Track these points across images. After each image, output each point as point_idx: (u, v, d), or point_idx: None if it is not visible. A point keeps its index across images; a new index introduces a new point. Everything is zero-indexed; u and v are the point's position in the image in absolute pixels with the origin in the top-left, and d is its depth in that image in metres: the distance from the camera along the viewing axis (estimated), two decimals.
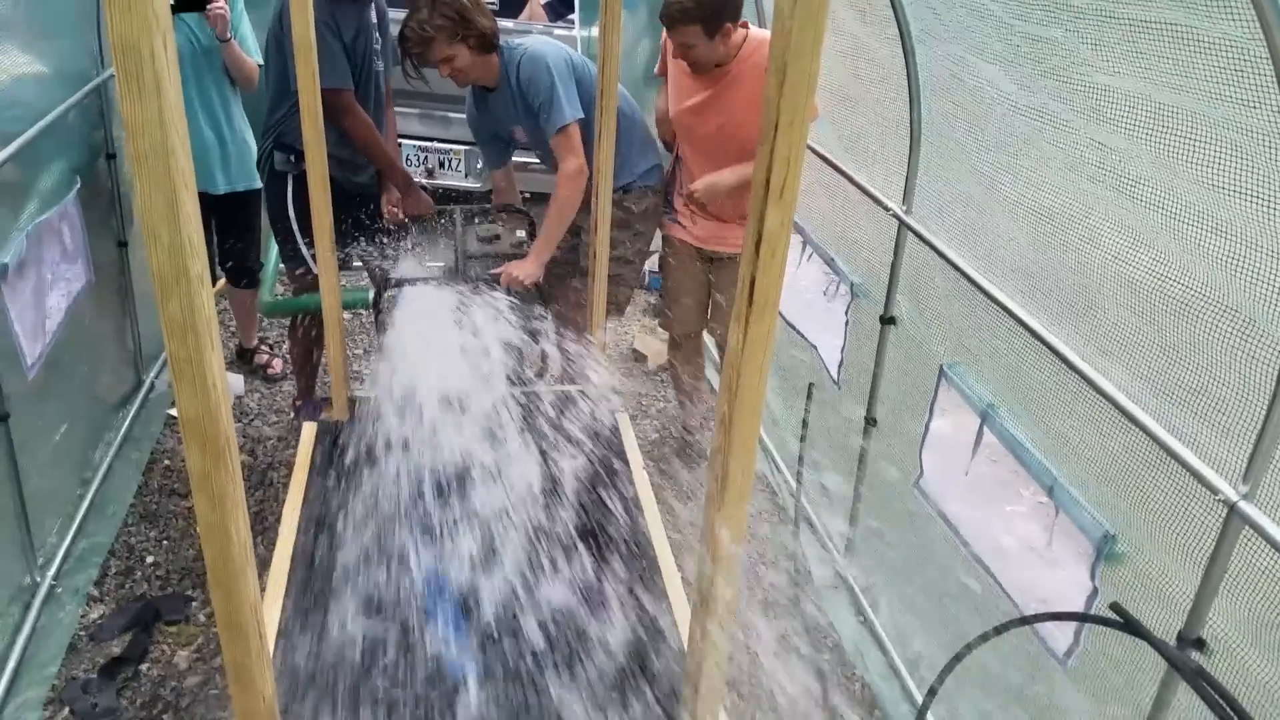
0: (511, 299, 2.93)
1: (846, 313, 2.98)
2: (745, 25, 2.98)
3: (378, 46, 3.22)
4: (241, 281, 3.95)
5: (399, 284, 2.93)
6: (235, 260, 3.89)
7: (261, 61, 3.56)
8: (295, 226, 3.26)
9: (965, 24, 2.24)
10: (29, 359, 2.74)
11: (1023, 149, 2.15)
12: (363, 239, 3.52)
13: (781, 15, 0.98)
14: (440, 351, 2.73)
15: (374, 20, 3.20)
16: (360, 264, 3.74)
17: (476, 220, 3.30)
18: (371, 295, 3.06)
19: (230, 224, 3.77)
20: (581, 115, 2.92)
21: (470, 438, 2.73)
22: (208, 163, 3.58)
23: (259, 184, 3.65)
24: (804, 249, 3.24)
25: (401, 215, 3.35)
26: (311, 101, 2.40)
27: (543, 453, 3.07)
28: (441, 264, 3.05)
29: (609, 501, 2.79)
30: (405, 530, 2.62)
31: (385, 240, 3.32)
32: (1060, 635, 1.96)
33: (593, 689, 2.48)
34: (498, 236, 3.14)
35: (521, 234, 3.18)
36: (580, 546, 2.97)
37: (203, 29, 3.42)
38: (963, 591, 2.45)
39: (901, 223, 2.65)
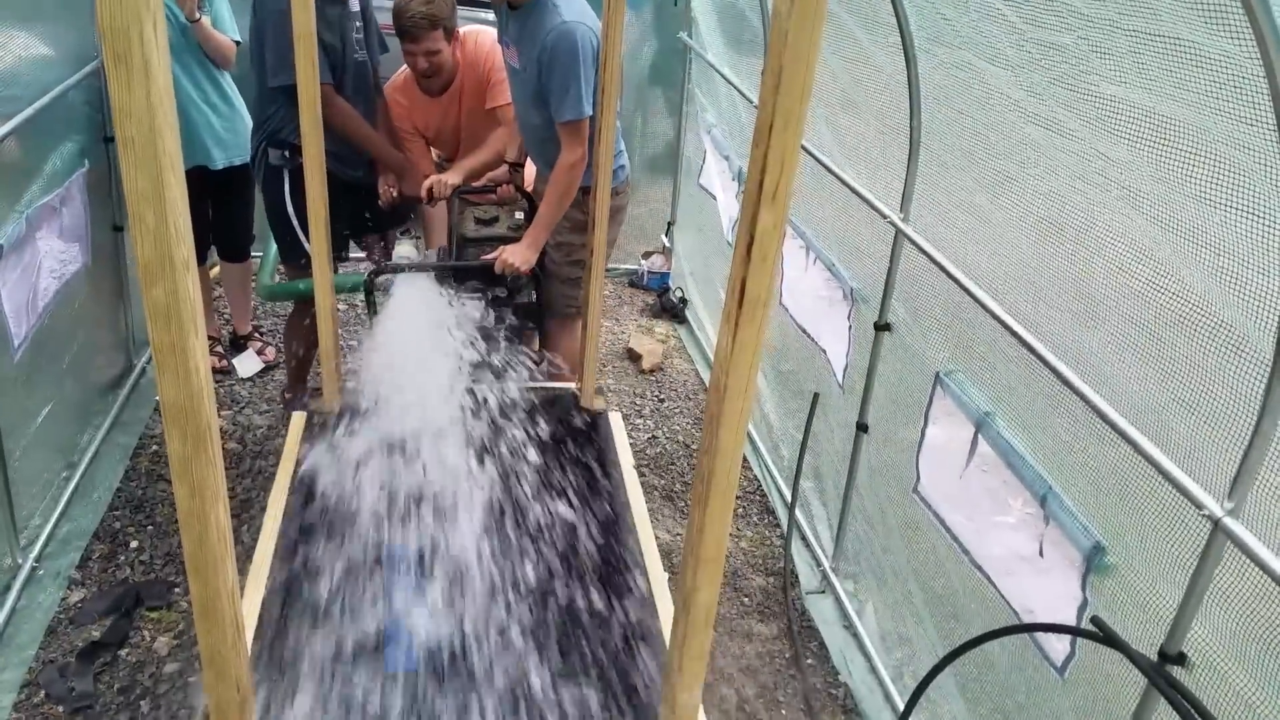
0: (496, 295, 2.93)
1: (849, 318, 2.97)
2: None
3: (359, 37, 3.19)
4: (236, 256, 3.95)
5: (389, 272, 2.91)
6: (230, 234, 3.89)
7: (239, 38, 3.55)
8: (295, 222, 3.25)
9: (978, 28, 2.23)
10: (15, 340, 2.72)
11: (1029, 157, 2.15)
12: (360, 228, 3.51)
13: (779, 17, 0.97)
14: (424, 349, 2.73)
15: (356, 9, 3.17)
16: (361, 253, 3.74)
17: (474, 202, 3.28)
18: (368, 278, 3.05)
19: (227, 198, 3.76)
20: (591, 112, 2.88)
21: (453, 435, 2.72)
22: (203, 139, 3.57)
23: None
24: (808, 253, 3.24)
25: (397, 195, 3.32)
26: (310, 89, 2.38)
27: (530, 450, 3.07)
28: (436, 249, 3.05)
29: (597, 500, 2.78)
30: (385, 528, 2.62)
31: (383, 225, 3.32)
32: (1058, 645, 1.96)
33: (577, 687, 2.47)
34: (496, 219, 3.11)
35: (519, 215, 3.15)
36: (568, 546, 2.96)
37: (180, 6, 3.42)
38: (955, 599, 2.46)
39: (898, 231, 2.65)
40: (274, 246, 3.45)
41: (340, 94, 3.12)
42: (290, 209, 3.24)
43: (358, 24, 3.18)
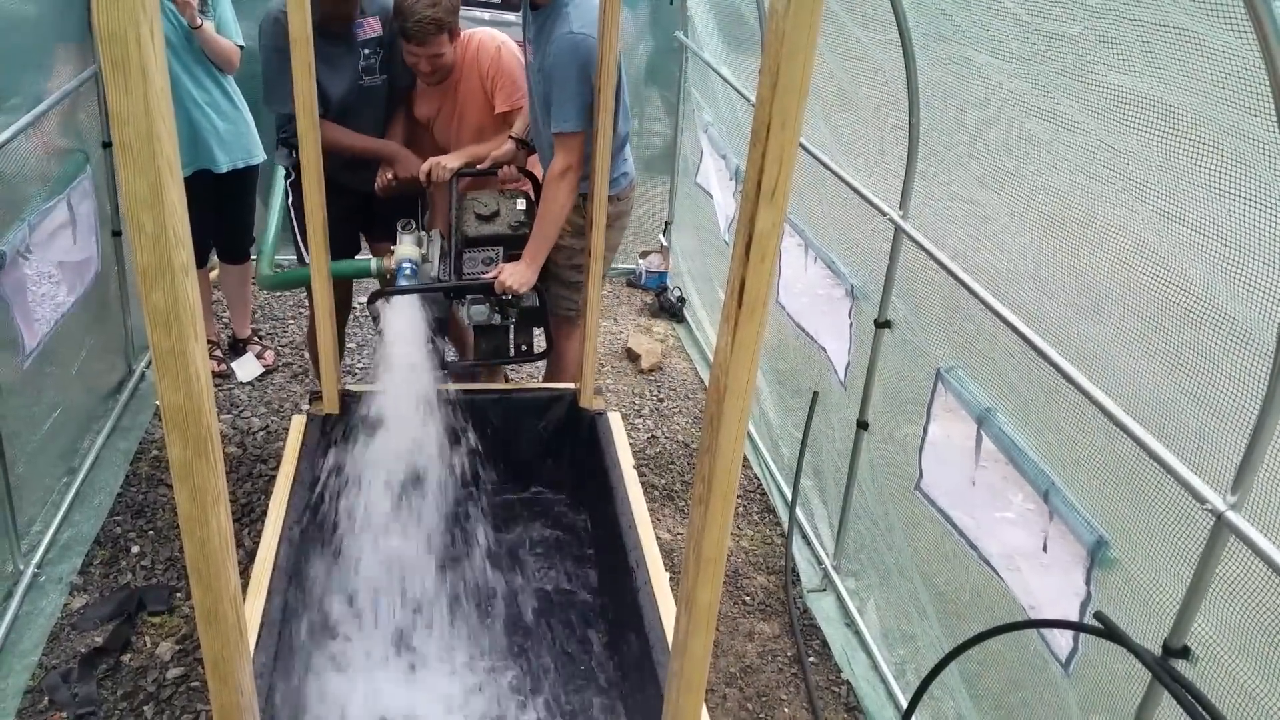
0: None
1: (849, 315, 2.97)
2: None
3: (372, 64, 3.17)
4: (236, 257, 3.95)
5: (389, 294, 2.86)
6: (232, 236, 3.89)
7: (242, 43, 3.55)
8: (295, 229, 3.28)
9: (979, 22, 2.22)
10: (28, 347, 2.73)
11: (1030, 152, 2.14)
12: (370, 227, 3.51)
13: (775, 15, 0.97)
14: (424, 356, 2.73)
15: (372, 37, 3.13)
16: (367, 249, 3.73)
17: (473, 182, 3.24)
18: (374, 265, 3.02)
19: (230, 200, 3.77)
20: (586, 128, 2.80)
21: (453, 436, 2.72)
22: (207, 142, 3.57)
23: (258, 159, 3.71)
24: (806, 251, 3.23)
25: (395, 181, 3.29)
26: (307, 93, 2.38)
27: (531, 450, 3.07)
28: (438, 258, 3.01)
29: (597, 500, 2.78)
30: (388, 531, 2.62)
31: (385, 221, 3.31)
32: (1063, 641, 1.96)
33: (580, 686, 2.47)
34: (497, 213, 3.03)
35: (521, 205, 3.08)
36: (568, 545, 2.97)
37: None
38: (960, 595, 2.45)
39: (898, 228, 2.64)
40: (270, 238, 3.44)
41: (344, 118, 3.12)
42: (290, 213, 3.25)
43: (365, 52, 3.15)
